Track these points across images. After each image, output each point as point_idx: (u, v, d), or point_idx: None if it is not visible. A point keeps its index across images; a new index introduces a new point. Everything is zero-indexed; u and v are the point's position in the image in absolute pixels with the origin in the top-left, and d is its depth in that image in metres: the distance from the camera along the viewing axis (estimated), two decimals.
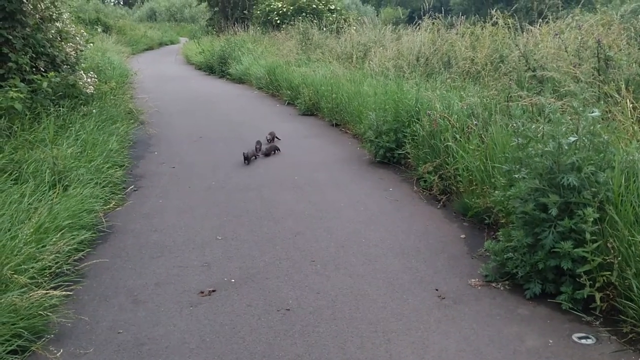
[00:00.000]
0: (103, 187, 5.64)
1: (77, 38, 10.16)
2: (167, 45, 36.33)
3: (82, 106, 7.95)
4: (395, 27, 14.28)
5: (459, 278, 3.92)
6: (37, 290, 3.21)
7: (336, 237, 4.75)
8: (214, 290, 3.82)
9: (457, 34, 10.46)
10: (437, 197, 5.60)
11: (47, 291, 3.25)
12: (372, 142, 7.00)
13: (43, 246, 3.82)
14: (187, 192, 6.11)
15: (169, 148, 8.19)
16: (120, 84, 12.20)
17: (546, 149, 3.52)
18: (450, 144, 5.51)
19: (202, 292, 3.80)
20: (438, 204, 5.49)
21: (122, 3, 72.13)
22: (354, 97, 8.89)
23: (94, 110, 7.96)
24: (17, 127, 6.03)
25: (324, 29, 18.13)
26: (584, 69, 5.66)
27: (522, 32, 9.63)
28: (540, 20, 10.07)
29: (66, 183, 5.11)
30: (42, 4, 8.92)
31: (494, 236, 4.42)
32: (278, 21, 23.44)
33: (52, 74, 7.12)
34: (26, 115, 6.50)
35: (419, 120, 6.46)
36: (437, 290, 3.76)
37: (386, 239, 4.68)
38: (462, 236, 4.71)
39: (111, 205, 5.42)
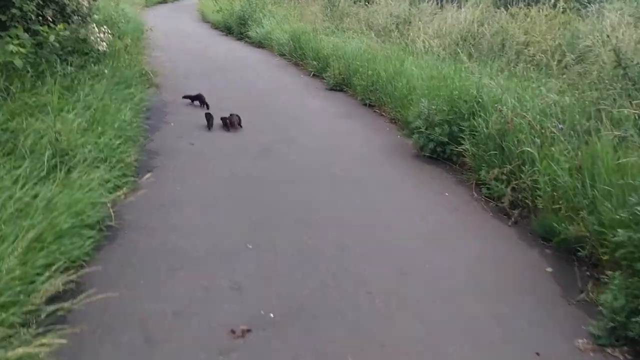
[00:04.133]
0: (113, 167, 4.78)
1: None
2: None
3: (92, 65, 7.02)
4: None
5: (561, 336, 3.08)
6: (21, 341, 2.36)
7: (393, 258, 3.90)
8: (248, 330, 3.00)
9: (509, 14, 9.45)
10: (506, 211, 4.72)
11: (36, 336, 2.41)
12: (421, 133, 6.09)
13: (32, 282, 2.92)
14: (209, 179, 5.25)
15: (187, 118, 7.28)
16: (134, 40, 11.20)
17: None
18: (528, 149, 4.61)
19: (233, 332, 2.97)
20: (509, 219, 4.62)
21: None
22: (396, 76, 7.93)
23: (105, 71, 7.03)
24: (17, 88, 5.13)
25: None
26: None
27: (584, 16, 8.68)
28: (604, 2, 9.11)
29: (70, 164, 4.23)
30: None
31: (597, 277, 3.58)
32: None
33: (60, 25, 6.17)
34: (28, 72, 5.60)
35: (480, 113, 5.57)
36: (538, 355, 2.92)
37: (456, 266, 3.83)
38: (549, 269, 3.86)
39: (122, 192, 4.55)
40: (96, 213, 3.86)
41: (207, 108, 7.51)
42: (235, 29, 16.87)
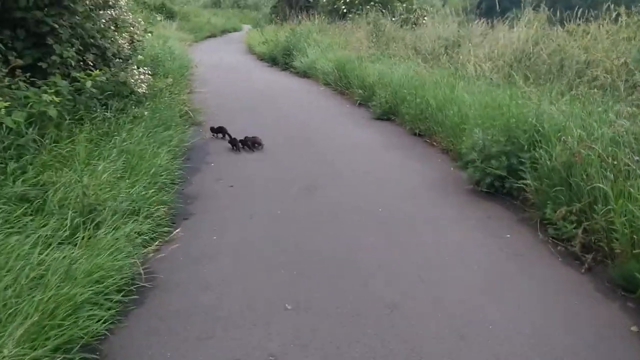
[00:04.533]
0: (147, 217, 4.53)
1: (134, 27, 9.22)
2: (229, 32, 35.56)
3: (133, 108, 6.91)
4: (467, 19, 12.79)
5: None
6: None
7: (449, 317, 3.43)
8: None
9: (565, 31, 8.86)
10: (577, 255, 4.16)
11: None
12: (477, 166, 5.60)
13: None
14: (248, 224, 4.93)
15: (227, 157, 7.04)
16: (178, 77, 11.21)
17: None
18: (600, 185, 4.07)
19: None
20: (581, 266, 4.06)
21: None
22: (446, 104, 7.48)
23: (145, 113, 6.90)
24: (51, 138, 5.00)
25: (395, 19, 16.70)
26: None
27: None
28: None
29: (98, 220, 3.99)
30: None
31: None
32: (345, 10, 22.12)
33: (96, 72, 6.07)
34: (65, 120, 5.48)
35: (541, 144, 5.05)
36: None
37: (524, 328, 3.31)
38: (634, 329, 3.30)
39: (154, 246, 4.28)
40: (123, 274, 3.57)
41: (230, 138, 7.58)
42: (280, 59, 16.84)
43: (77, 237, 3.74)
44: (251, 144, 7.39)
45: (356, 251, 4.37)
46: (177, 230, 4.66)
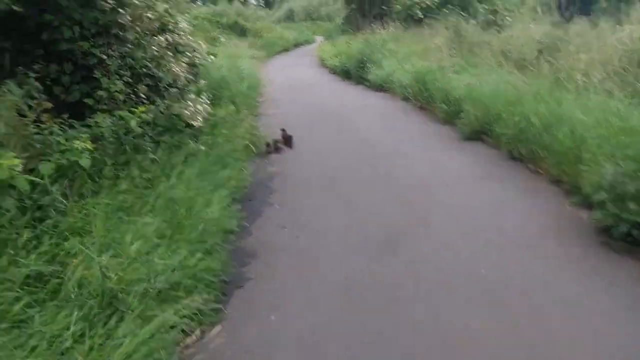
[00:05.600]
0: (189, 291, 3.65)
1: (195, 51, 8.55)
2: (302, 45, 35.12)
3: (189, 143, 6.13)
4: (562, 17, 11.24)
5: None
6: None
7: None
8: None
9: None
10: None
11: None
12: (606, 210, 4.33)
13: None
14: (313, 296, 3.93)
15: (293, 197, 6.10)
16: (245, 100, 10.48)
17: None
18: None
19: None
20: None
21: (262, 5, 73.15)
22: (553, 122, 6.20)
23: (202, 148, 6.11)
24: (81, 193, 4.24)
25: (475, 22, 15.33)
26: None
27: None
28: None
29: (123, 309, 3.13)
30: (149, 13, 7.31)
31: None
32: (421, 15, 20.91)
33: (141, 108, 5.34)
34: (106, 165, 4.75)
35: None
36: None
37: None
38: None
39: (194, 336, 3.38)
40: None
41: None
42: (353, 72, 15.87)
43: (93, 333, 2.89)
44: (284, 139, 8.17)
45: (455, 343, 3.26)
46: (231, 292, 3.76)
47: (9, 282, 3.08)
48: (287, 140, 8.27)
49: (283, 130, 8.42)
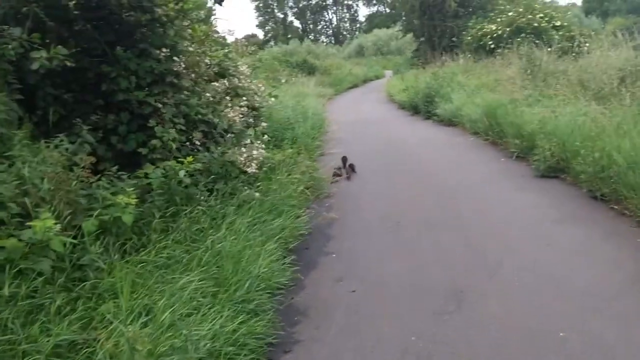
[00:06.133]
0: (230, 359, 3.36)
1: (256, 94, 8.51)
2: (371, 80, 35.18)
3: (244, 190, 5.95)
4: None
5: None
6: None
7: None
8: None
9: None
10: None
11: None
12: None
13: None
14: None
15: (353, 245, 5.74)
16: (308, 141, 10.31)
17: None
18: None
19: None
20: None
21: (333, 42, 74.49)
22: (639, 159, 5.57)
23: (256, 195, 5.91)
24: (123, 250, 4.10)
25: (551, 50, 14.54)
26: None
27: None
28: None
29: None
30: (207, 59, 7.32)
31: None
32: (492, 45, 20.23)
33: (190, 158, 5.19)
34: (154, 219, 4.61)
35: None
36: None
37: None
38: None
39: None
40: None
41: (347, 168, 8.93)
42: (422, 107, 15.48)
43: None
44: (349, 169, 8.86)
45: None
46: None
47: (37, 354, 2.90)
48: (351, 167, 8.96)
49: (344, 158, 9.09)
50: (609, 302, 3.94)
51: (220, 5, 7.01)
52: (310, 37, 72.14)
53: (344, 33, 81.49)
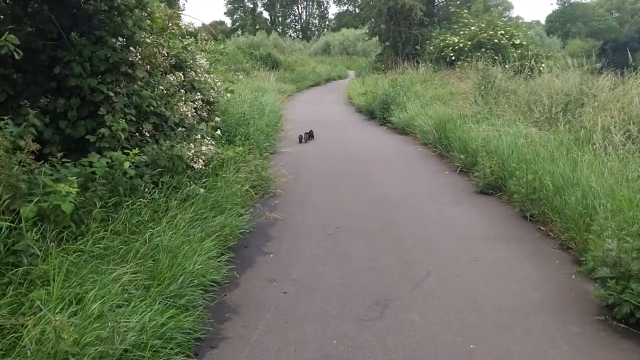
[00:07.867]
0: (156, 352, 3.49)
1: (212, 89, 8.57)
2: (334, 80, 35.41)
3: (189, 184, 6.03)
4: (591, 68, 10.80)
5: None
6: None
7: None
8: None
9: None
10: None
11: None
12: (609, 288, 4.04)
13: None
14: None
15: (291, 246, 5.93)
16: (261, 139, 10.43)
17: None
18: None
19: None
20: None
21: (300, 37, 74.34)
22: (566, 186, 5.95)
23: (201, 190, 6.01)
24: (60, 238, 4.16)
25: (507, 67, 15.03)
26: None
27: None
28: None
29: None
30: (165, 50, 7.35)
31: None
32: (453, 57, 20.76)
33: (135, 150, 5.26)
34: (95, 209, 4.66)
35: None
36: None
37: None
38: None
39: None
40: None
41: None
42: (378, 113, 15.82)
43: None
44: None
45: None
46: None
47: None
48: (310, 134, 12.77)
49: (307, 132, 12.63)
50: (520, 319, 4.25)
51: None
52: (278, 29, 71.95)
53: (312, 29, 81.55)
